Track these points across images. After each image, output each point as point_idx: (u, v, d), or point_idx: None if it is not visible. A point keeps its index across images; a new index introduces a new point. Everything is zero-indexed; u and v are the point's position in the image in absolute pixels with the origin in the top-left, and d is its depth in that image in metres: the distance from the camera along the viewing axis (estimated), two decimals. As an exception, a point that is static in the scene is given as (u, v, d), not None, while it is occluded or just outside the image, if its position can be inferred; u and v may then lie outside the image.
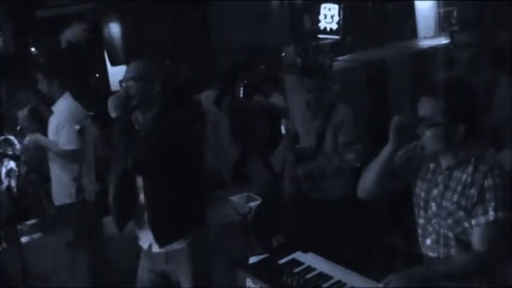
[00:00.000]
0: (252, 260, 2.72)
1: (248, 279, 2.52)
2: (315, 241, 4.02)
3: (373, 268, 3.80)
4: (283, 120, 4.52)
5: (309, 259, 2.65)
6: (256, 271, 2.56)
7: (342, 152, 3.90)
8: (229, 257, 4.65)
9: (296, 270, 2.56)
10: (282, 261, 2.67)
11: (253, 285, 2.49)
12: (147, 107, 3.03)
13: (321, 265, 2.58)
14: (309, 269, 2.56)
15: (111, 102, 2.96)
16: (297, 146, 4.33)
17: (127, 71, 3.06)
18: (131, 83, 2.99)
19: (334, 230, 4.12)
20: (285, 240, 4.53)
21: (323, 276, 2.48)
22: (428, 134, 2.31)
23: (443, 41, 7.55)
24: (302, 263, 2.62)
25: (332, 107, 4.22)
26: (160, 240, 3.05)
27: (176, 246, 3.06)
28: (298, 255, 2.71)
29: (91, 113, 4.07)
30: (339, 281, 2.42)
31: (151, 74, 3.01)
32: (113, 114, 2.95)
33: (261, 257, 2.74)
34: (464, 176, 2.32)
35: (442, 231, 2.40)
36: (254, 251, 4.34)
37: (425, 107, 2.31)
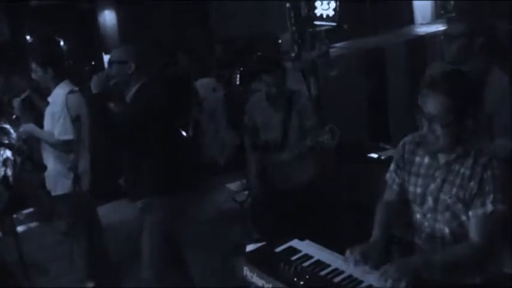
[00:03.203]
0: (249, 247, 2.71)
1: (245, 267, 2.52)
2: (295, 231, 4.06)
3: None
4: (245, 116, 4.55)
5: (306, 247, 2.65)
6: (253, 259, 2.55)
7: (314, 134, 3.89)
8: (226, 245, 4.65)
9: (293, 258, 2.55)
10: (279, 249, 2.66)
11: (250, 273, 2.48)
12: (125, 85, 3.69)
13: (318, 253, 2.57)
14: (306, 256, 2.55)
15: (93, 80, 3.54)
16: (260, 138, 4.34)
17: (110, 56, 3.77)
18: (112, 65, 3.69)
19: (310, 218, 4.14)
20: (280, 229, 4.52)
21: (320, 264, 2.47)
22: (438, 131, 2.25)
23: (440, 27, 7.53)
24: (299, 251, 2.61)
25: (291, 95, 4.22)
26: (129, 196, 3.81)
27: (139, 204, 3.70)
28: (295, 243, 2.70)
29: (77, 88, 4.26)
30: (336, 269, 2.41)
31: (127, 58, 3.66)
32: (94, 91, 3.52)
33: (258, 244, 2.73)
34: (463, 169, 2.30)
35: (437, 226, 2.40)
36: (251, 238, 4.33)
37: (434, 105, 2.23)
